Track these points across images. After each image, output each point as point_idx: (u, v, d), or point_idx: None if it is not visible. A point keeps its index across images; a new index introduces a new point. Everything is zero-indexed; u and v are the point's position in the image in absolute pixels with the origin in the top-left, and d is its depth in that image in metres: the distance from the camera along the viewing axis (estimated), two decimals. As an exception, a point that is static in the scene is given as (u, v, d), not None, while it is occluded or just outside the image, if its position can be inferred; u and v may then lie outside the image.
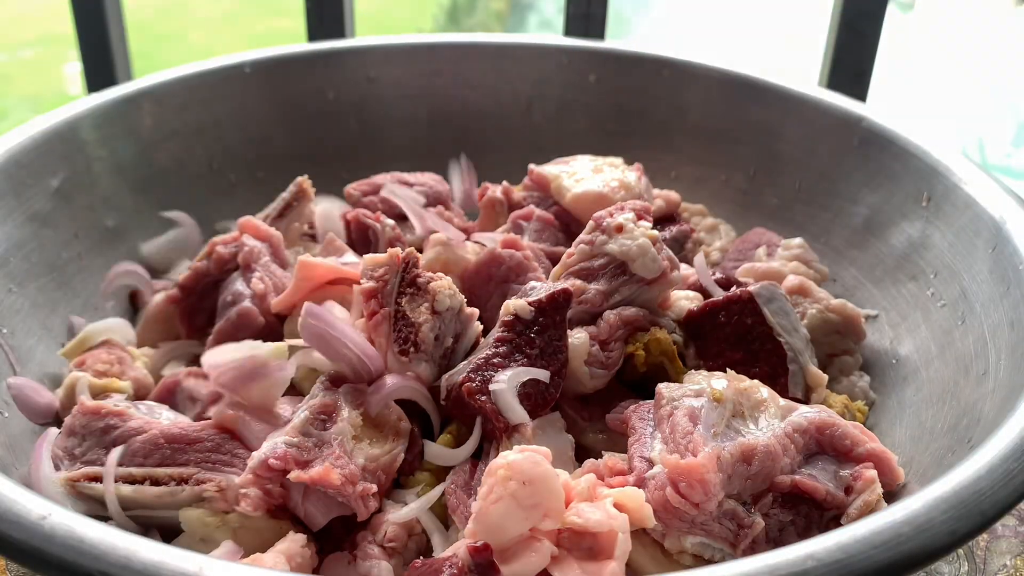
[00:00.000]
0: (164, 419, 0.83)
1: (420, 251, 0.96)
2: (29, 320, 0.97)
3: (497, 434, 0.79)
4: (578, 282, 0.89)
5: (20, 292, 0.97)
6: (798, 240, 1.10)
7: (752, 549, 0.71)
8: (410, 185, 1.16)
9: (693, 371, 0.85)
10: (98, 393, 0.90)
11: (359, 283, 0.86)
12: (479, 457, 0.80)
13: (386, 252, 0.86)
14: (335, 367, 0.84)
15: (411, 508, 0.77)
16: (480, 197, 1.15)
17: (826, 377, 0.90)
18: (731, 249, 1.14)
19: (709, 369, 0.87)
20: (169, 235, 1.17)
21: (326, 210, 1.14)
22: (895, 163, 1.07)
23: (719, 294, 0.94)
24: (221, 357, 0.81)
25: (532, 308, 0.84)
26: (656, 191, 1.14)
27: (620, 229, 0.90)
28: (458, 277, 0.97)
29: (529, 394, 0.81)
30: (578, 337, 0.86)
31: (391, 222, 1.08)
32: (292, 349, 0.87)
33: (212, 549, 0.73)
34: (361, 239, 1.09)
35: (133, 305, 1.12)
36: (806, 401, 0.88)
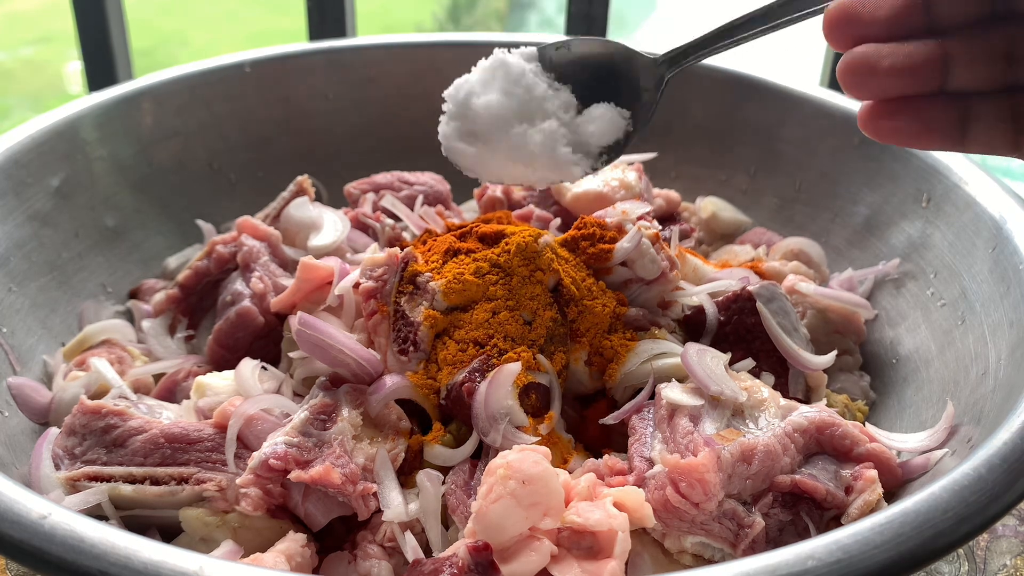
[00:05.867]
0: (164, 418, 0.83)
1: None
2: (29, 320, 0.97)
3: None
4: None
5: (20, 292, 0.97)
6: (807, 241, 1.10)
7: (752, 549, 0.71)
8: (410, 184, 1.16)
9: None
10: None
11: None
12: (479, 457, 0.80)
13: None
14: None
15: (411, 508, 0.77)
16: (480, 197, 1.15)
17: (826, 377, 0.90)
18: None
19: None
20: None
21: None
22: (895, 163, 1.07)
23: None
24: None
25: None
26: (656, 191, 1.14)
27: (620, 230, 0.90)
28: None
29: (530, 395, 0.81)
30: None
31: (391, 221, 1.08)
32: (295, 360, 0.87)
33: (212, 549, 0.73)
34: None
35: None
36: (806, 401, 0.88)
